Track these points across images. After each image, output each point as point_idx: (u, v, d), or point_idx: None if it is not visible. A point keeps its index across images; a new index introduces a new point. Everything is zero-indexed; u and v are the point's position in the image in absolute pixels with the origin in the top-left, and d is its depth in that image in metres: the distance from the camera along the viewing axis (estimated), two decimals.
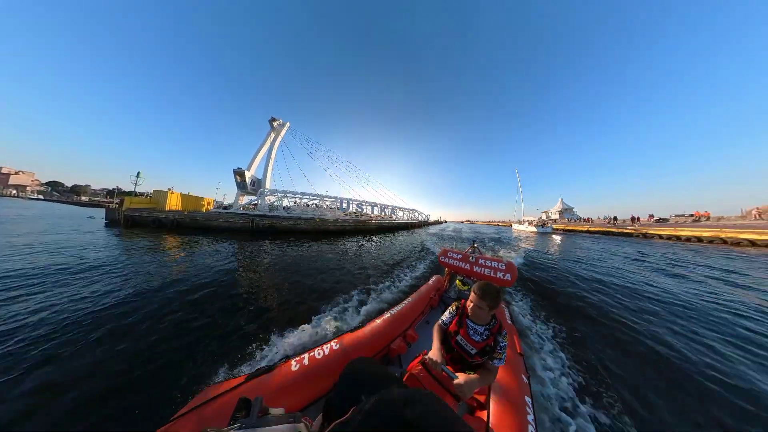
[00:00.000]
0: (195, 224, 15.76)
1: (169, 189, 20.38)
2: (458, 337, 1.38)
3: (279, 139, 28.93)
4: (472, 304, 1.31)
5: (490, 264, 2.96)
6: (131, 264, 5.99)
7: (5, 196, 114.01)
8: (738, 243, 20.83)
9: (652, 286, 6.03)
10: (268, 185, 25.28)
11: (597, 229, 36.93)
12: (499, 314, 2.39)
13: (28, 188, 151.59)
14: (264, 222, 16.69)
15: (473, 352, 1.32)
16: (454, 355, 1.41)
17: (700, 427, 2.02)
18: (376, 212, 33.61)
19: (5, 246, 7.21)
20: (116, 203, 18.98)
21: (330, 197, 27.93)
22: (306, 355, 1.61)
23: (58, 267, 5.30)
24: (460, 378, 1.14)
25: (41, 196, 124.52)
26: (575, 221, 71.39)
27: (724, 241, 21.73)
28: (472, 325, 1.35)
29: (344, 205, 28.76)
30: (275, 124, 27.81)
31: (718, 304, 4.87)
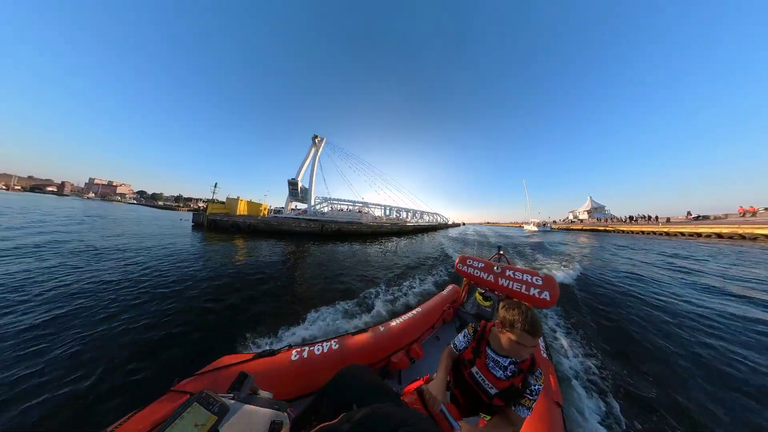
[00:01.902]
0: (269, 228, 16.73)
1: (238, 197, 23.02)
2: (473, 369, 1.01)
3: (319, 152, 30.78)
4: (511, 340, 0.90)
5: (521, 277, 2.22)
6: (221, 255, 7.59)
7: (112, 201, 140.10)
8: (755, 238, 21.05)
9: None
10: (312, 193, 27.04)
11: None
12: None
13: (127, 195, 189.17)
14: (332, 226, 18.08)
15: (493, 392, 0.95)
16: (467, 390, 1.04)
17: None
18: (408, 216, 34.37)
19: (143, 238, 9.73)
20: (202, 208, 21.79)
21: (376, 205, 29.95)
22: (306, 348, 1.56)
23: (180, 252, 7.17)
24: (464, 430, 0.82)
25: (134, 201, 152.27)
26: (608, 220, 63.99)
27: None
28: (494, 356, 0.99)
29: (387, 212, 30.26)
30: (316, 140, 29.63)
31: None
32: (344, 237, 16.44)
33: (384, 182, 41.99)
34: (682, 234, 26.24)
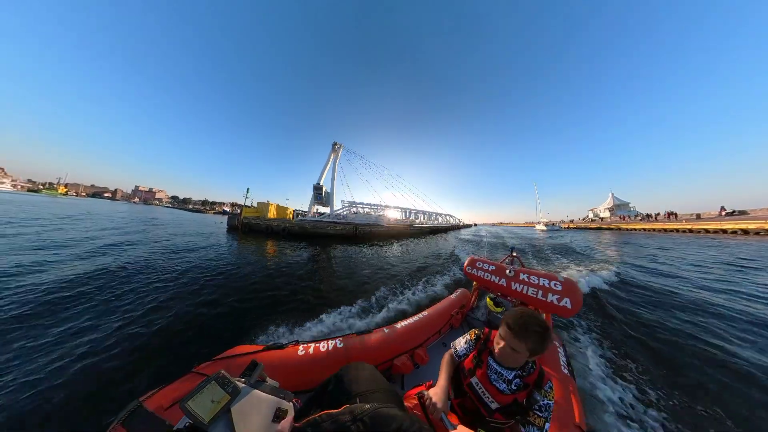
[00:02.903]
0: (304, 232, 17.05)
1: (268, 201, 24.51)
2: (473, 380, 0.94)
3: (338, 158, 31.92)
4: (502, 343, 0.84)
5: (537, 281, 2.03)
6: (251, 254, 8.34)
7: (152, 204, 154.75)
8: None
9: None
10: (334, 196, 28.17)
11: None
12: (546, 355, 1.60)
13: (163, 200, 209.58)
14: (365, 229, 19.10)
15: (494, 407, 0.88)
16: (466, 401, 0.97)
17: None
18: (424, 218, 35.58)
19: (196, 237, 11.48)
20: (237, 212, 22.53)
21: (396, 207, 31.94)
22: (312, 345, 1.60)
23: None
24: None
25: (170, 205, 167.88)
26: (633, 218, 59.56)
27: None
28: (496, 367, 0.90)
29: (406, 214, 32.08)
30: (336, 146, 30.77)
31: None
32: (369, 239, 17.21)
33: (398, 184, 42.57)
34: (707, 231, 25.29)
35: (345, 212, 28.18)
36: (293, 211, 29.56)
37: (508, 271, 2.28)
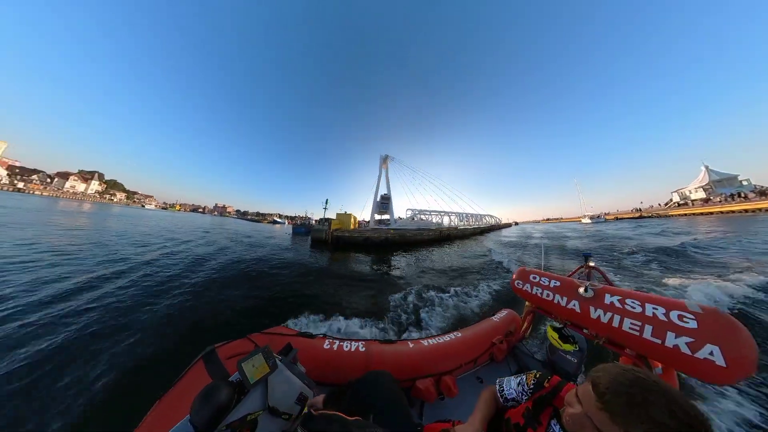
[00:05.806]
0: (403, 240, 17.72)
1: (345, 211, 24.43)
2: None
3: (387, 170, 34.90)
4: (578, 409, 0.53)
5: (640, 309, 1.16)
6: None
7: (225, 216, 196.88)
8: None
9: None
10: (395, 206, 31.58)
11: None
12: None
13: (231, 213, 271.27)
14: (447, 233, 23.10)
15: None
16: None
17: None
18: (473, 220, 38.99)
19: (275, 246, 12.83)
20: (325, 224, 20.23)
21: (453, 213, 35.20)
22: (337, 342, 1.63)
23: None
24: None
25: (235, 216, 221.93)
26: (742, 197, 46.90)
27: None
28: None
29: (460, 218, 36.04)
30: (385, 158, 33.71)
31: None
32: (451, 240, 20.61)
33: (444, 189, 44.22)
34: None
35: (406, 219, 30.98)
36: (359, 221, 32.86)
37: (582, 289, 1.46)
